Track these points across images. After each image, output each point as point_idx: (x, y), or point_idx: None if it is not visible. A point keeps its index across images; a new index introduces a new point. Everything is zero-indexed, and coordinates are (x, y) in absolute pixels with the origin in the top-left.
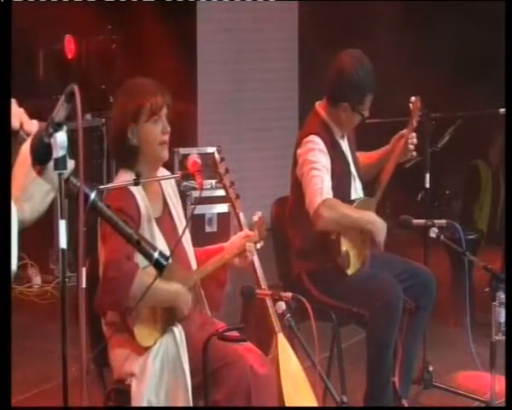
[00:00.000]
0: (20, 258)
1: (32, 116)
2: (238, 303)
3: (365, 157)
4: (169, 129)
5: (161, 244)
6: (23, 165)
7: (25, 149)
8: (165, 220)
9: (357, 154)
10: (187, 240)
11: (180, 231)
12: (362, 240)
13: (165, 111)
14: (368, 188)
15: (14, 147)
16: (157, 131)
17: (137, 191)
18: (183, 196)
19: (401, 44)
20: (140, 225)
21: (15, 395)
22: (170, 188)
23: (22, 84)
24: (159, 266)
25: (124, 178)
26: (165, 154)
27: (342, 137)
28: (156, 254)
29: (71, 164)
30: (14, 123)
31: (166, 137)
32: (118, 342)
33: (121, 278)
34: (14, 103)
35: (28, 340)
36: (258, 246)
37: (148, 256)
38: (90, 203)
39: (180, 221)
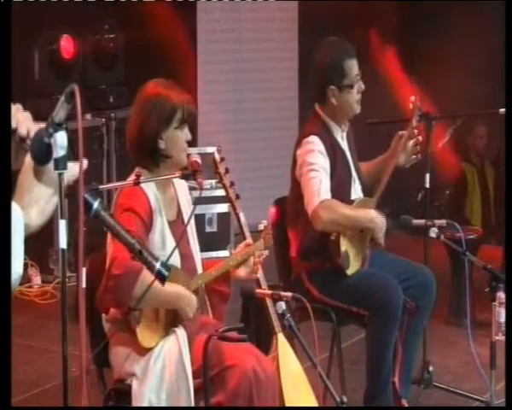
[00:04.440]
0: None
1: None
2: (238, 303)
3: (366, 166)
4: (190, 137)
5: (171, 247)
6: (27, 171)
7: (29, 157)
8: (177, 225)
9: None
10: (194, 244)
11: (190, 237)
12: (361, 240)
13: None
14: (367, 189)
15: (20, 154)
16: (183, 138)
17: (152, 193)
18: None
19: (401, 45)
20: (151, 226)
21: (15, 395)
22: (184, 195)
23: (18, 85)
24: (160, 277)
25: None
26: (186, 160)
27: (342, 137)
28: (158, 265)
29: (77, 168)
30: (22, 131)
31: (187, 145)
32: (119, 340)
33: (125, 276)
34: (20, 109)
35: (28, 340)
36: (264, 255)
37: (149, 267)
38: (94, 212)
39: (191, 228)
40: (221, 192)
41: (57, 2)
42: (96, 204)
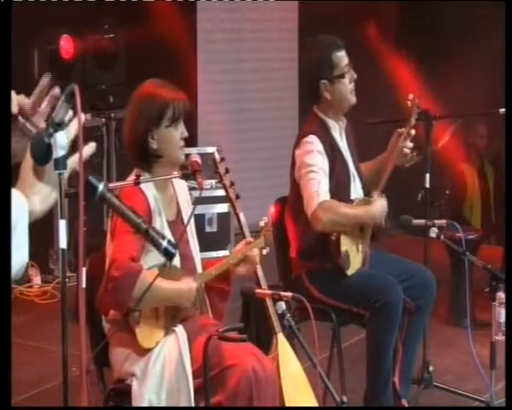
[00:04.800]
0: None
1: None
2: (238, 303)
3: (365, 166)
4: (186, 134)
5: None
6: (28, 170)
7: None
8: (177, 225)
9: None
10: (194, 244)
11: (190, 237)
12: (362, 240)
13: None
14: (367, 188)
15: (22, 141)
16: (177, 135)
17: (151, 193)
18: None
19: (402, 45)
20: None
21: (15, 395)
22: (183, 195)
23: (18, 85)
24: (167, 254)
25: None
26: (183, 157)
27: (341, 135)
28: (165, 243)
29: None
30: (13, 109)
31: (183, 142)
32: (119, 341)
33: (124, 277)
34: (12, 93)
35: (28, 340)
36: (265, 252)
37: (156, 245)
38: (99, 194)
39: (191, 228)
40: (221, 192)
41: (57, 2)
42: (101, 186)
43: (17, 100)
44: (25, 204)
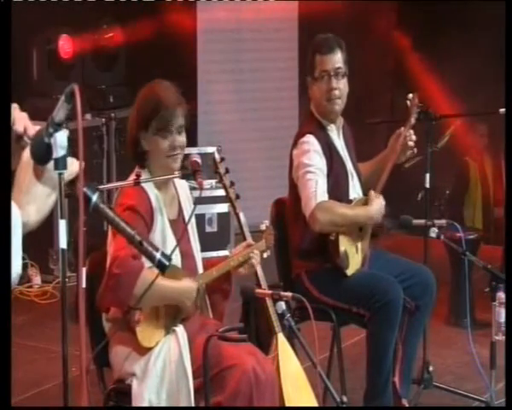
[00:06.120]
0: None
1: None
2: (238, 303)
3: (365, 166)
4: (180, 143)
5: (172, 246)
6: (26, 169)
7: (27, 154)
8: (178, 224)
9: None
10: (195, 243)
11: (191, 236)
12: (361, 240)
13: (178, 123)
14: (367, 188)
15: (17, 152)
16: (164, 145)
17: (153, 192)
18: None
19: (402, 44)
20: (152, 225)
21: (15, 395)
22: (184, 194)
23: (17, 85)
24: (161, 267)
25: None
26: (174, 165)
27: (338, 134)
28: (158, 255)
29: (76, 165)
30: (19, 127)
31: (177, 151)
32: (119, 340)
33: (125, 275)
34: (17, 108)
35: (28, 340)
36: (265, 255)
37: (150, 257)
38: (92, 206)
39: (192, 227)
40: (221, 192)
41: (56, 1)
42: (94, 197)
43: (14, 114)
44: (18, 217)
